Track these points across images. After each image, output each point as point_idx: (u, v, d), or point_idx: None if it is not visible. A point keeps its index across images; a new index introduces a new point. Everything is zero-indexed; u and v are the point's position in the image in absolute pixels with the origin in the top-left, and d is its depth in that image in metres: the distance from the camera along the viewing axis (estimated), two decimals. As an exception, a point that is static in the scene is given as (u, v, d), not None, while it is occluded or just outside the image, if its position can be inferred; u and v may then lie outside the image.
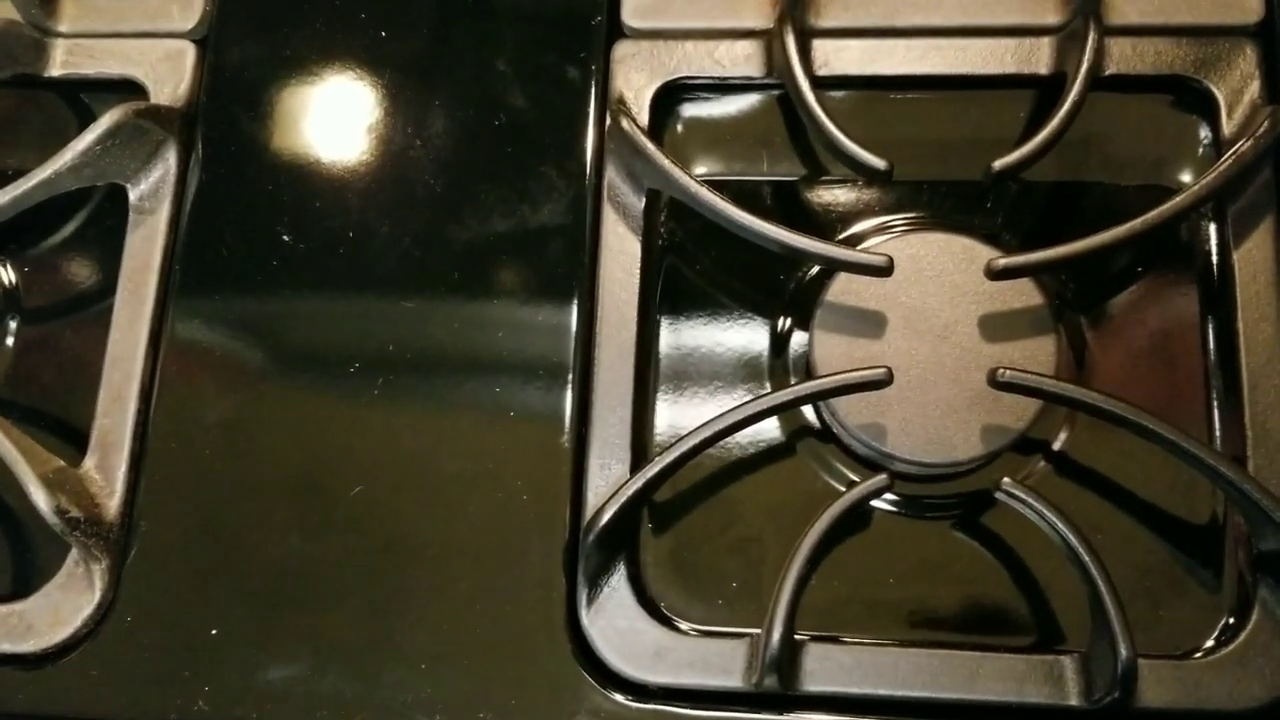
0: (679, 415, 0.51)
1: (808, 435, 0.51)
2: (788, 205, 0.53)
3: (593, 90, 0.53)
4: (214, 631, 0.48)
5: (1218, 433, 0.49)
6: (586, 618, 0.47)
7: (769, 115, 0.54)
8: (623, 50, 0.53)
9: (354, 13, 0.55)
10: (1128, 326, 0.51)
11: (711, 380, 0.52)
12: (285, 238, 0.52)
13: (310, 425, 0.50)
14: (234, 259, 0.52)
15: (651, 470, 0.46)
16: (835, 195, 0.53)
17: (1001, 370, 0.45)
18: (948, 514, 0.49)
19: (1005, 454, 0.48)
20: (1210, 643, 0.46)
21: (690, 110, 0.54)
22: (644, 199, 0.52)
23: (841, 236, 0.52)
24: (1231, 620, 0.46)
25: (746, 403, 0.47)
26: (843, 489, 0.50)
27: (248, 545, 0.49)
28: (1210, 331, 0.50)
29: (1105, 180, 0.52)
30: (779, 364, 0.52)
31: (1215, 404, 0.49)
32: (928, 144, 0.53)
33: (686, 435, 0.46)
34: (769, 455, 0.51)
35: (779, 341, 0.52)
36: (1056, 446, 0.50)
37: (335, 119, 0.54)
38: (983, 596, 0.48)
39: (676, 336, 0.52)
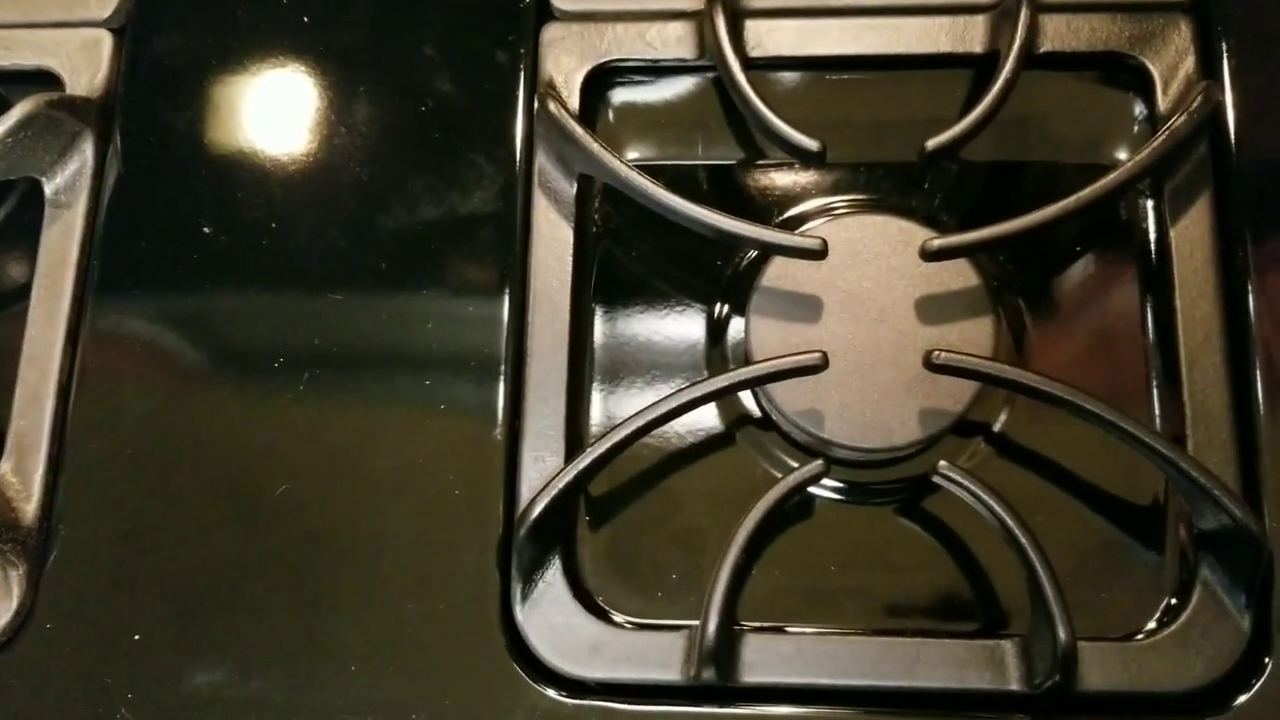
0: (615, 405, 0.50)
1: (747, 424, 0.50)
2: (723, 190, 0.53)
3: (522, 74, 0.52)
4: (136, 637, 0.47)
5: (1157, 412, 0.48)
6: (521, 613, 0.46)
7: (703, 98, 0.53)
8: (552, 33, 0.52)
9: (274, 1, 0.53)
10: (1067, 307, 0.50)
11: (648, 369, 0.51)
12: (206, 230, 0.51)
13: (234, 423, 0.49)
14: (154, 253, 0.51)
15: (584, 461, 0.45)
16: (771, 179, 0.52)
17: (937, 353, 0.45)
18: (888, 499, 0.49)
19: (945, 437, 0.48)
20: (1152, 624, 0.46)
21: (622, 94, 0.53)
22: (575, 185, 0.50)
23: (778, 220, 0.52)
24: (1173, 601, 0.46)
25: (681, 390, 0.46)
26: (782, 477, 0.49)
27: (171, 547, 0.48)
28: (1149, 310, 0.49)
29: (1042, 159, 0.52)
30: (716, 351, 0.51)
31: (1155, 383, 0.48)
32: (863, 125, 0.52)
33: (620, 424, 0.45)
34: (708, 444, 0.50)
35: (716, 328, 0.51)
36: (996, 428, 0.49)
37: (258, 108, 0.52)
38: (925, 582, 0.47)
39: (612, 325, 0.51)
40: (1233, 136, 0.49)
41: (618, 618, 0.47)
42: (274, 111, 0.52)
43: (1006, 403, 0.49)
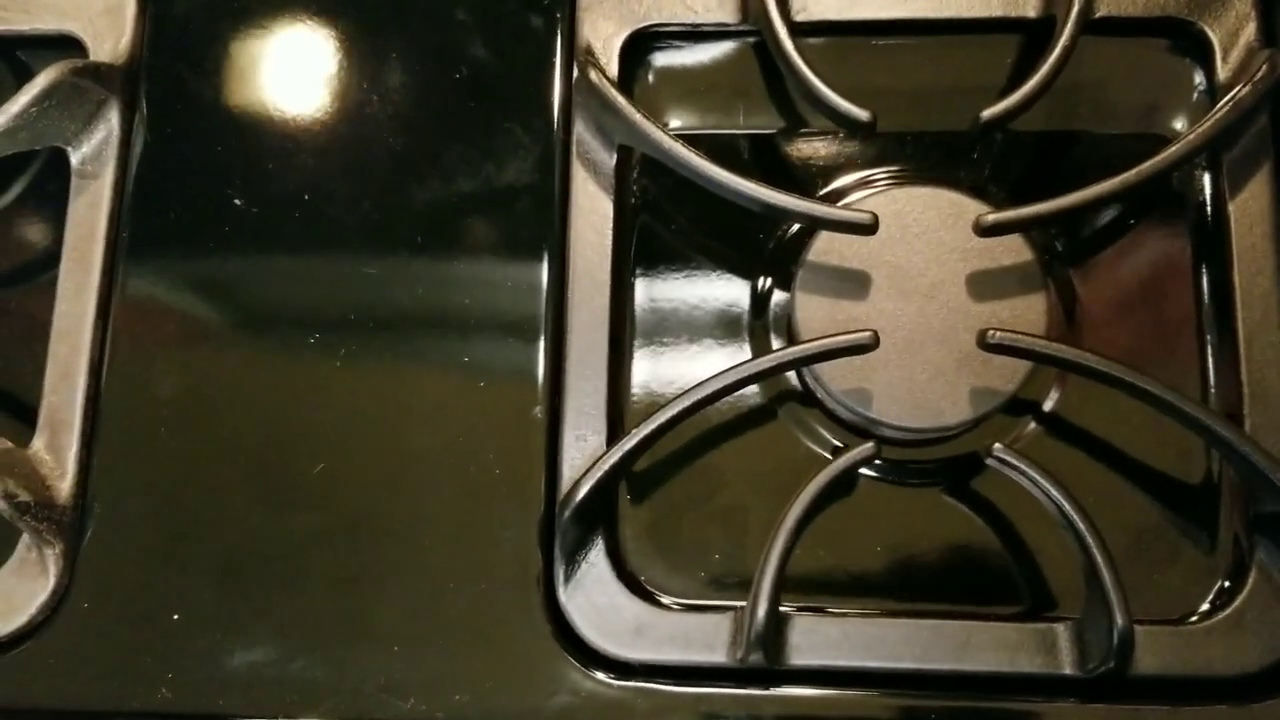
0: (656, 381, 0.49)
1: (790, 399, 0.49)
2: (766, 159, 0.51)
3: (558, 40, 0.50)
4: (175, 616, 0.46)
5: (1213, 390, 0.47)
6: (564, 594, 0.45)
7: (745, 64, 0.51)
8: (590, -4, 0.51)
9: (303, -40, 0.52)
10: (1119, 280, 0.49)
11: (690, 344, 0.49)
12: (237, 201, 0.49)
13: (270, 398, 0.48)
14: (183, 224, 0.50)
15: (628, 444, 0.44)
16: (816, 148, 0.51)
17: (991, 332, 0.44)
18: (935, 479, 0.48)
19: (994, 415, 0.47)
20: (1206, 606, 0.45)
21: (662, 60, 0.51)
22: (615, 155, 0.49)
23: (823, 192, 0.50)
24: (1227, 584, 0.45)
25: (726, 371, 0.45)
26: (827, 455, 0.48)
27: (208, 525, 0.47)
28: (1205, 285, 0.48)
29: (1096, 128, 0.50)
30: (759, 324, 0.50)
31: (1210, 360, 0.47)
32: (911, 92, 0.51)
33: (665, 406, 0.44)
34: (750, 420, 0.49)
35: (759, 301, 0.50)
36: (1047, 407, 0.48)
37: (287, 74, 0.51)
38: (972, 563, 0.47)
39: (652, 298, 0.50)
40: (1295, 106, 0.47)
41: (663, 599, 0.46)
42: (303, 78, 0.51)
43: (1057, 381, 0.48)
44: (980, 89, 0.50)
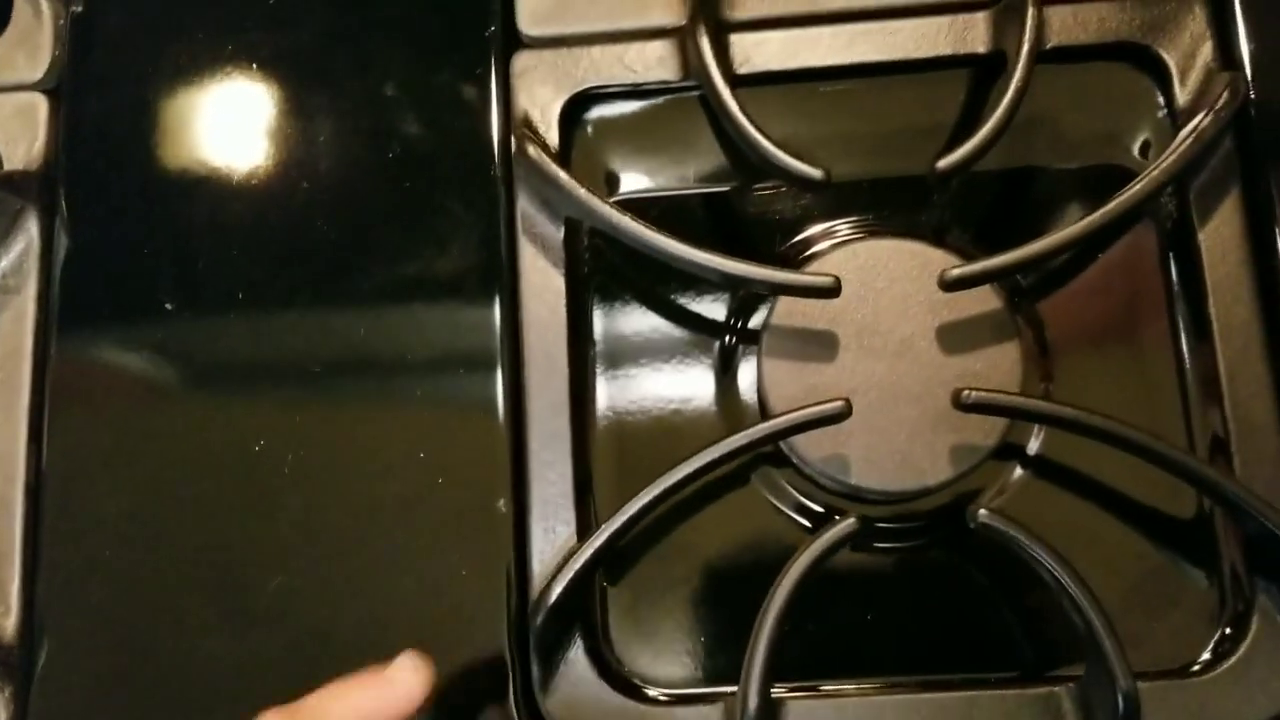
0: (625, 459, 0.47)
1: (765, 464, 0.47)
2: (721, 218, 0.49)
3: (494, 110, 0.48)
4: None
5: (1198, 427, 0.45)
6: (545, 700, 0.43)
7: (691, 120, 0.49)
8: (523, 62, 0.48)
9: (220, 46, 0.49)
10: (1092, 319, 0.48)
11: (657, 415, 0.47)
12: (168, 305, 0.47)
13: (220, 512, 0.45)
14: (114, 335, 0.47)
15: (599, 538, 0.42)
16: (771, 203, 0.49)
17: (967, 392, 0.42)
18: (921, 539, 0.46)
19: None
20: (1208, 655, 0.43)
21: (605, 121, 0.49)
22: (562, 228, 0.47)
23: (783, 247, 0.48)
24: (1229, 630, 0.43)
25: (697, 454, 0.43)
26: (804, 522, 0.46)
27: (163, 650, 0.44)
28: (1181, 317, 0.46)
29: (1056, 162, 0.48)
30: (728, 387, 0.47)
31: (1193, 396, 0.46)
32: (865, 137, 0.49)
33: (636, 496, 0.42)
34: (725, 490, 0.47)
35: (726, 362, 0.48)
36: (1032, 450, 0.46)
37: (213, 166, 0.48)
38: (966, 625, 0.45)
39: (615, 371, 0.48)
40: (1259, 126, 0.46)
41: (649, 690, 0.44)
42: (230, 169, 0.48)
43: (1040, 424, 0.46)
44: (935, 128, 0.48)
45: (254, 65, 0.49)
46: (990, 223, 0.49)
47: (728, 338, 0.48)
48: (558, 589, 0.42)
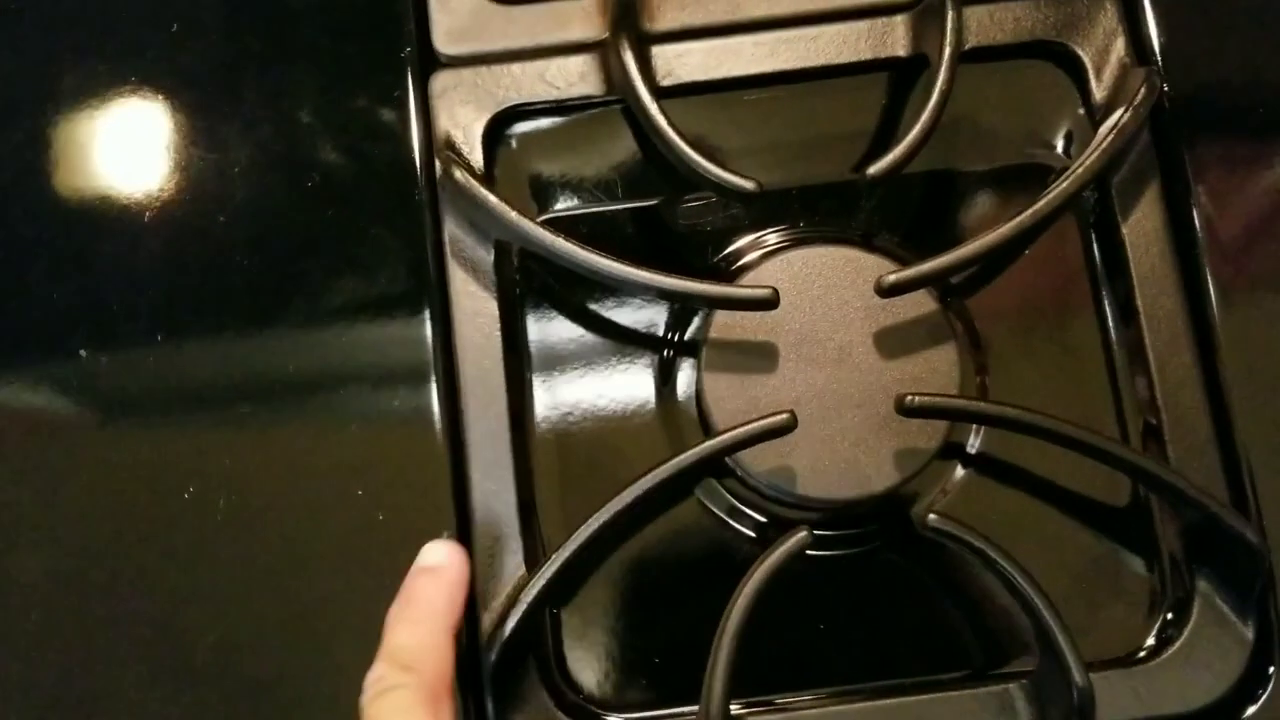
0: (568, 481, 0.46)
1: (705, 475, 0.47)
2: (653, 231, 0.49)
3: (414, 132, 0.47)
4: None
5: (1128, 415, 0.46)
6: (500, 734, 0.43)
7: (617, 134, 0.48)
8: (442, 82, 0.47)
9: (124, 76, 0.47)
10: (1024, 316, 0.48)
11: (599, 433, 0.47)
12: (83, 353, 0.45)
13: (151, 564, 0.44)
14: (26, 386, 0.45)
15: (550, 570, 0.41)
16: (702, 215, 0.48)
17: (909, 397, 0.42)
18: (867, 544, 0.46)
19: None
20: (1151, 641, 0.44)
21: (529, 138, 0.48)
22: (492, 251, 0.46)
23: (716, 259, 0.48)
24: (1171, 616, 0.44)
25: (642, 476, 0.42)
26: (750, 533, 0.46)
27: (100, 715, 0.43)
28: (1110, 310, 0.47)
29: (980, 161, 0.49)
30: (669, 399, 0.47)
31: (1125, 387, 0.46)
32: (792, 145, 0.49)
33: (584, 525, 0.42)
34: (666, 503, 0.46)
35: (666, 375, 0.47)
36: (973, 449, 0.47)
37: (122, 205, 0.46)
38: (919, 627, 0.45)
39: (554, 392, 0.47)
40: (1173, 118, 0.47)
41: (608, 717, 0.44)
42: (142, 207, 0.46)
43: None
44: (861, 133, 0.49)
45: (161, 96, 0.47)
46: (918, 224, 0.49)
47: (666, 350, 0.47)
48: (511, 623, 0.41)
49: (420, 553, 0.40)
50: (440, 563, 0.40)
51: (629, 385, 0.47)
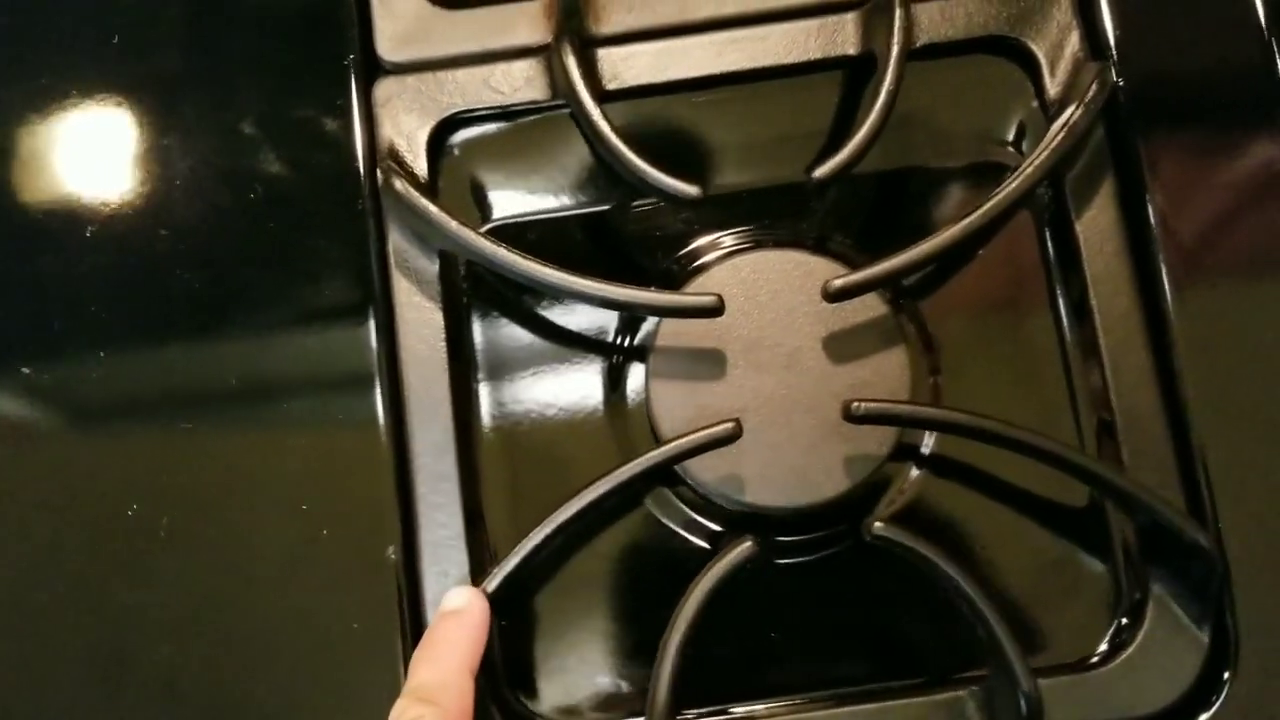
0: (516, 491, 0.46)
1: (655, 484, 0.46)
2: (601, 238, 0.48)
3: (358, 141, 0.46)
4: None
5: (1082, 415, 0.46)
6: (448, 750, 0.42)
7: (564, 139, 0.48)
8: (385, 89, 0.47)
9: (64, 89, 0.47)
10: (977, 316, 0.48)
11: (547, 443, 0.46)
12: (25, 370, 0.45)
13: (95, 583, 0.43)
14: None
15: (493, 582, 0.41)
16: (650, 220, 0.48)
17: (855, 404, 0.41)
18: (820, 551, 0.46)
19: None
20: (1105, 646, 0.44)
21: (474, 145, 0.48)
22: (437, 261, 0.45)
23: (666, 264, 0.47)
24: (1125, 620, 0.44)
25: (588, 487, 0.42)
26: (701, 543, 0.46)
27: (42, 731, 0.43)
28: (1064, 310, 0.46)
29: (933, 160, 0.48)
30: (618, 407, 0.47)
31: (1079, 389, 0.46)
32: (741, 147, 0.48)
33: (528, 536, 0.41)
34: (616, 513, 0.46)
35: (614, 383, 0.47)
36: (926, 450, 0.46)
37: (61, 219, 0.46)
38: (871, 633, 0.45)
39: (501, 402, 0.47)
40: (1128, 114, 0.46)
41: (553, 725, 0.43)
42: (81, 221, 0.46)
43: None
44: (812, 134, 0.48)
45: (103, 109, 0.47)
46: (872, 226, 0.48)
47: (615, 356, 0.47)
48: (453, 638, 0.41)
49: (444, 598, 0.41)
50: (462, 606, 0.40)
51: (579, 392, 0.47)
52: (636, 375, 0.47)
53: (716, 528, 0.46)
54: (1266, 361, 0.44)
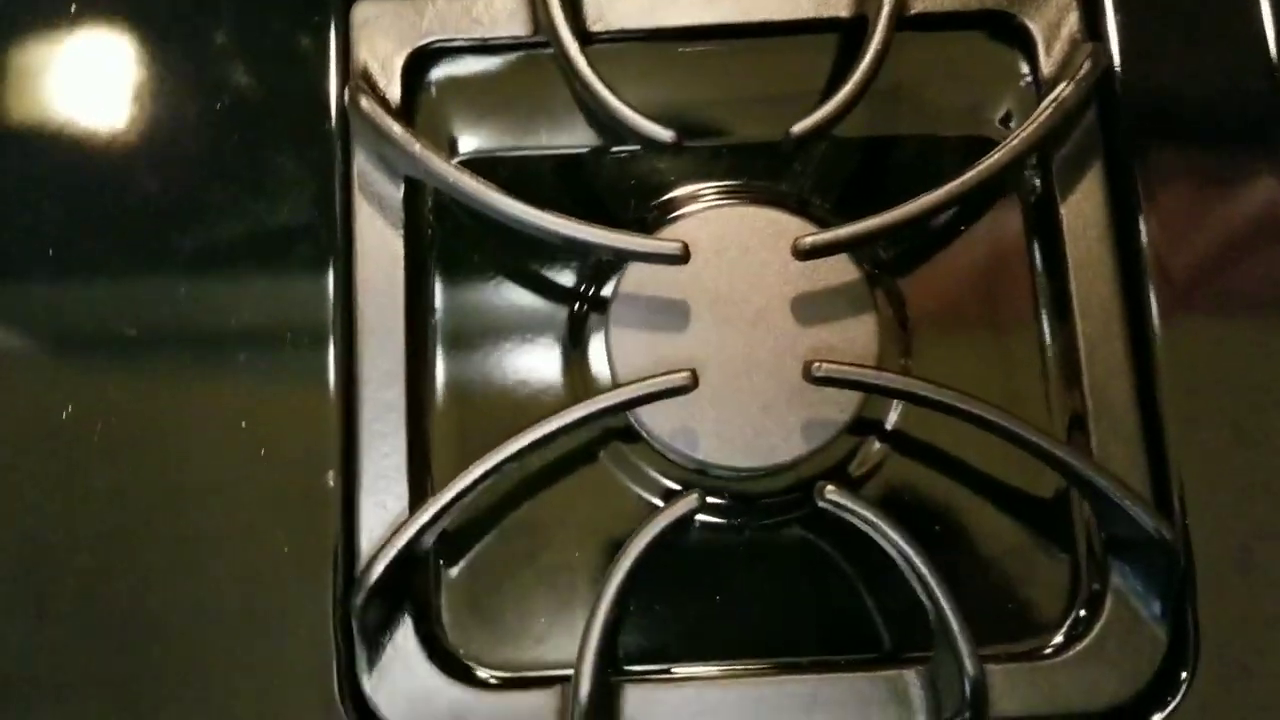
0: (465, 431, 0.44)
1: (614, 439, 0.45)
2: (572, 181, 0.47)
3: (332, 62, 0.45)
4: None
5: (1054, 403, 0.44)
6: (369, 684, 0.41)
7: (544, 78, 0.46)
8: (364, 13, 0.46)
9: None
10: (952, 292, 0.46)
11: (501, 386, 0.45)
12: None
13: (19, 485, 0.42)
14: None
15: (425, 514, 0.39)
16: (626, 167, 0.46)
17: (817, 364, 0.40)
18: (774, 516, 0.44)
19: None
20: (1060, 637, 0.42)
21: (451, 77, 0.47)
22: (401, 188, 0.44)
23: (639, 214, 0.46)
24: (1083, 612, 0.42)
25: (535, 425, 0.40)
26: (656, 499, 0.44)
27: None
28: (1041, 292, 0.45)
29: (919, 130, 0.47)
30: (577, 357, 0.45)
31: (1052, 372, 0.44)
32: (725, 101, 0.47)
33: (471, 467, 0.40)
34: (570, 464, 0.45)
35: (575, 331, 0.45)
36: (890, 425, 0.45)
37: (18, 120, 0.45)
38: (818, 606, 0.43)
39: (456, 339, 0.45)
40: (1124, 100, 0.45)
41: (482, 673, 0.42)
42: (40, 123, 0.45)
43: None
44: (797, 95, 0.47)
45: (70, 8, 0.46)
46: (852, 192, 0.47)
47: (578, 306, 0.46)
48: (381, 564, 0.39)
49: None
50: None
51: (538, 341, 0.45)
52: (598, 329, 0.45)
53: (672, 485, 0.44)
54: (1244, 358, 0.43)
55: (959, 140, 0.47)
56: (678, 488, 0.44)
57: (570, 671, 0.40)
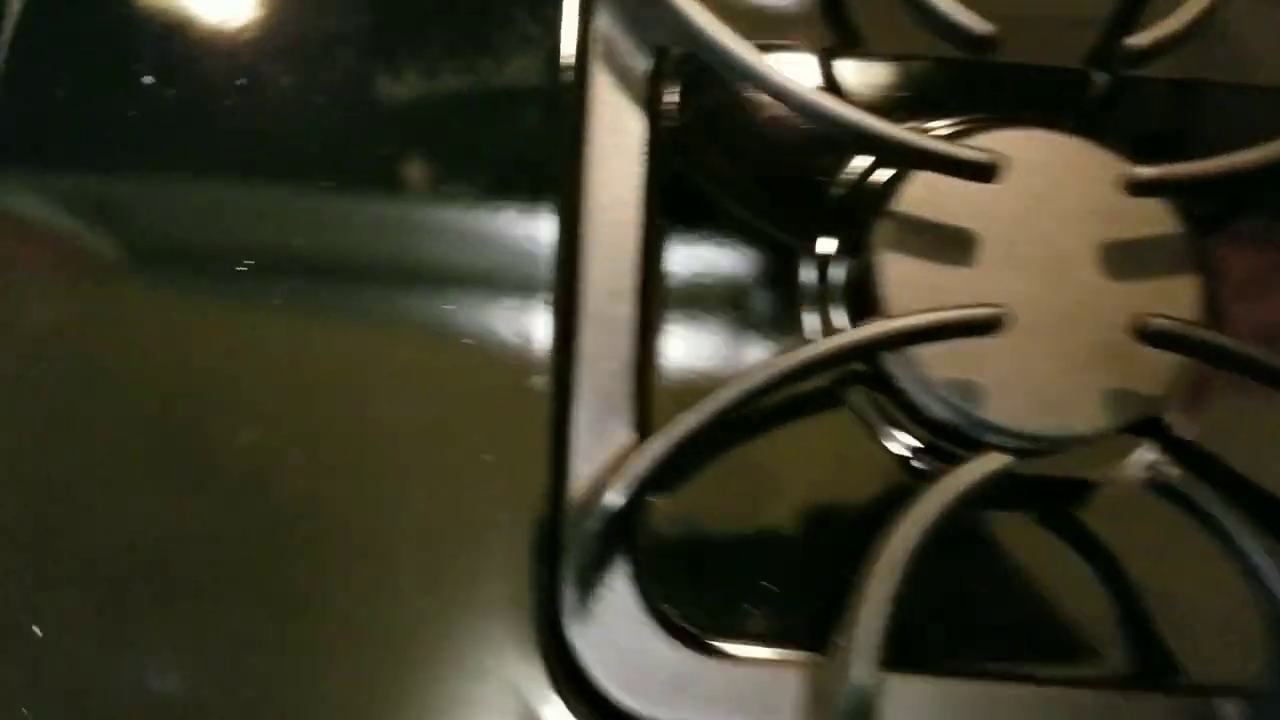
0: (690, 358, 0.38)
1: (855, 384, 0.38)
2: (832, 89, 0.40)
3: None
4: (37, 629, 0.34)
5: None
6: (573, 630, 0.34)
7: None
8: None
9: None
10: (1269, 258, 0.40)
11: (733, 313, 0.38)
12: (147, 80, 0.37)
13: (181, 345, 0.36)
14: (73, 107, 0.37)
15: (672, 438, 0.33)
16: (898, 77, 0.40)
17: (1155, 318, 0.34)
18: (1051, 502, 0.37)
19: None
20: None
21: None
22: (652, 60, 0.38)
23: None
24: None
25: (804, 347, 0.34)
26: (908, 455, 0.37)
27: (88, 517, 0.34)
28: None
29: (1233, 78, 0.41)
30: (821, 292, 0.39)
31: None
32: (1024, 20, 0.40)
33: (715, 393, 0.33)
34: (806, 409, 0.38)
35: (823, 263, 0.39)
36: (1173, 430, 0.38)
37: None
38: (1103, 614, 0.36)
39: (686, 252, 0.39)
40: None
41: (711, 642, 0.35)
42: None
43: (1187, 399, 0.38)
44: (1090, 22, 0.40)
45: None
46: (1148, 138, 0.41)
47: (829, 235, 0.39)
48: (617, 494, 0.32)
49: None
50: None
51: (778, 257, 0.39)
52: (849, 259, 0.39)
53: (922, 446, 0.38)
54: None
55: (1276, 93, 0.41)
56: (925, 448, 0.38)
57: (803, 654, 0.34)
